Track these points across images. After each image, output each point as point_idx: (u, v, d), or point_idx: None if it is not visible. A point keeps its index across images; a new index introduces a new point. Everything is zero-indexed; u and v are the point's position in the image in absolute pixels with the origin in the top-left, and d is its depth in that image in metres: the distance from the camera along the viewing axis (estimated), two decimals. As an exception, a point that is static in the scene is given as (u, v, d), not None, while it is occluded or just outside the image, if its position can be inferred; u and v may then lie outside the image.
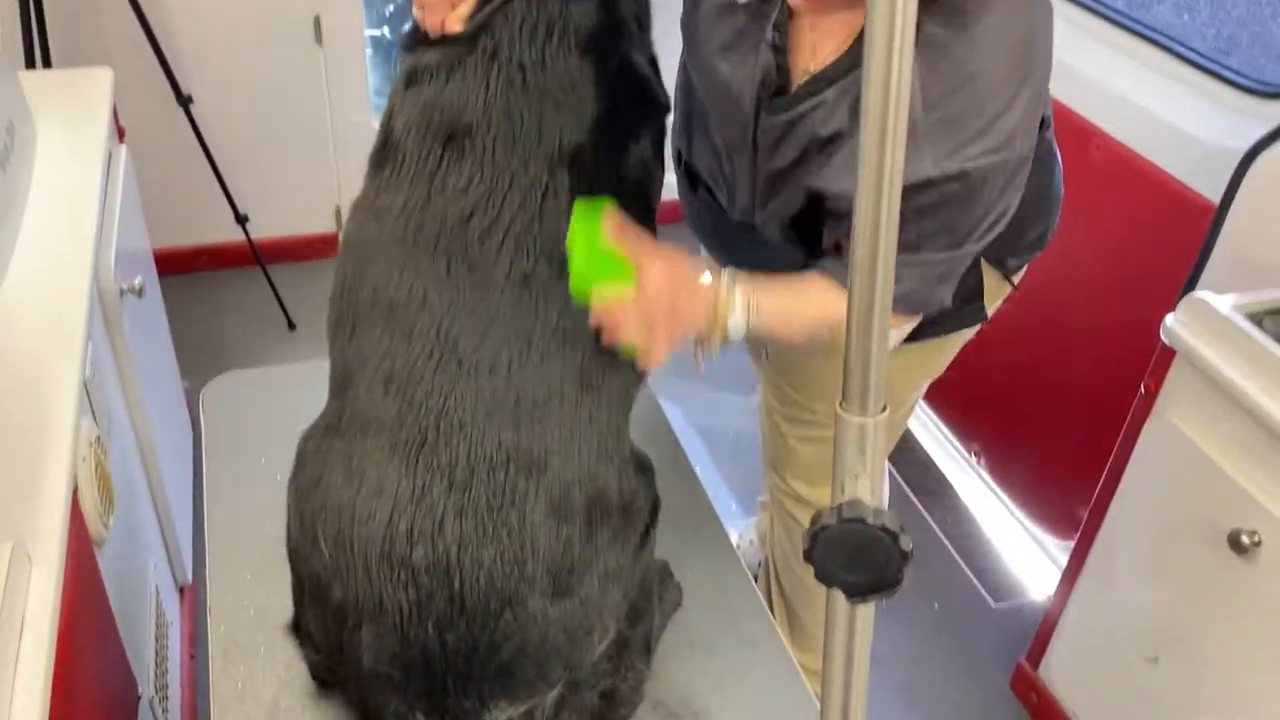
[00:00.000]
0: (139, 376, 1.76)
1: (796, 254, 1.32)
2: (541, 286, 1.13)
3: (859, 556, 0.78)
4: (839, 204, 1.20)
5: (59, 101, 1.83)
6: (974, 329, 1.54)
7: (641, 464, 1.27)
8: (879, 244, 0.72)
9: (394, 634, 1.09)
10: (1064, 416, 2.25)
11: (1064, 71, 2.03)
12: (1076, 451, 2.17)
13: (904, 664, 2.19)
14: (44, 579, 1.04)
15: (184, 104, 2.62)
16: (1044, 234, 1.50)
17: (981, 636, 2.25)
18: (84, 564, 1.23)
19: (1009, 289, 1.50)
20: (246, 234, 2.85)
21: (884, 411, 0.78)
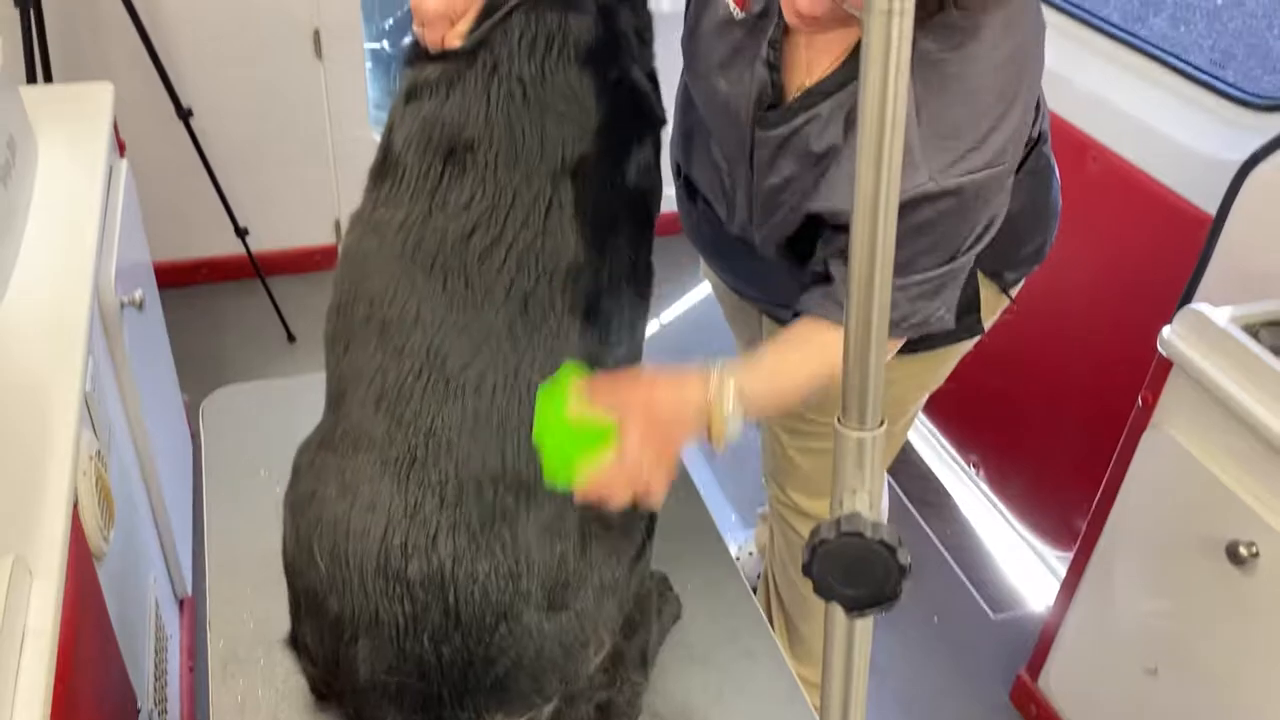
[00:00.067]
0: (139, 390, 1.77)
1: (794, 268, 1.33)
2: (540, 307, 1.12)
3: (857, 571, 0.77)
4: (835, 220, 1.21)
5: (60, 116, 1.83)
6: (971, 341, 1.54)
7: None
8: (876, 256, 0.72)
9: (390, 647, 1.09)
10: (1062, 428, 2.25)
11: (1062, 84, 2.05)
12: (1075, 463, 2.17)
13: (903, 675, 2.18)
14: (44, 592, 1.04)
15: (184, 117, 2.62)
16: (1042, 247, 1.50)
17: (980, 648, 2.25)
18: (84, 577, 1.23)
19: (1006, 302, 1.51)
20: (246, 247, 2.85)
21: (882, 425, 0.78)
